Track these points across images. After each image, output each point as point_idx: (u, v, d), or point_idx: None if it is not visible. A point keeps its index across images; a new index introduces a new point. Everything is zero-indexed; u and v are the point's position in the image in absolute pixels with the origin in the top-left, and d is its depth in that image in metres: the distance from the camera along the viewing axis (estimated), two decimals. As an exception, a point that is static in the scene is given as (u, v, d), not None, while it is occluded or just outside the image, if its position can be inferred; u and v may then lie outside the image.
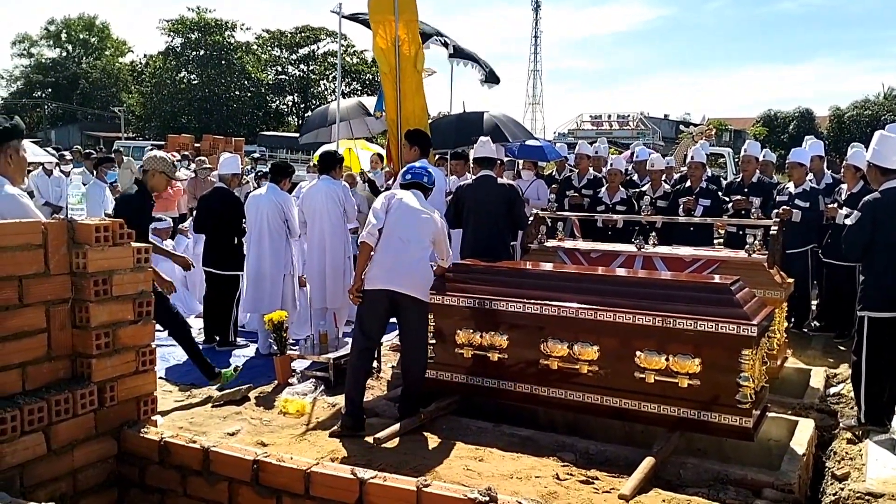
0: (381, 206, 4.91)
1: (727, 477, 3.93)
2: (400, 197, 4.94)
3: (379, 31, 7.31)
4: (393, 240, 4.80)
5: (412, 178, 5.10)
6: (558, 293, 4.62)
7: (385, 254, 4.78)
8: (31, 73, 52.58)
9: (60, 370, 2.47)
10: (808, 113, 51.56)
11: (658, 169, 8.65)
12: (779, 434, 4.62)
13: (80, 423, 2.46)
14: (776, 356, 5.42)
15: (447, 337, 4.93)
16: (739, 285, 4.45)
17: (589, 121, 56.15)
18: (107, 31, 55.06)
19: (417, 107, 7.45)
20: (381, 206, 4.91)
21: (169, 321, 5.56)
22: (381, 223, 4.80)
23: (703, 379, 4.16)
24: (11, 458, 2.24)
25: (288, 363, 5.54)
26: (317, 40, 46.81)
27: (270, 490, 2.36)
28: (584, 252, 6.09)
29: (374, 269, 4.78)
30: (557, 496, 3.64)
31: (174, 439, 2.54)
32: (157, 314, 5.27)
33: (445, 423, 4.75)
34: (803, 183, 7.56)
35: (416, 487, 2.14)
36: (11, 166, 3.14)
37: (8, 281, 2.28)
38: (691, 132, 16.13)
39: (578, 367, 4.49)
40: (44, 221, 2.46)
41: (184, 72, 45.02)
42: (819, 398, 5.45)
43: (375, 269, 4.78)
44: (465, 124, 9.26)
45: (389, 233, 4.81)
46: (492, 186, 6.21)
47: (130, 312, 2.62)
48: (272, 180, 7.04)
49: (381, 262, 4.79)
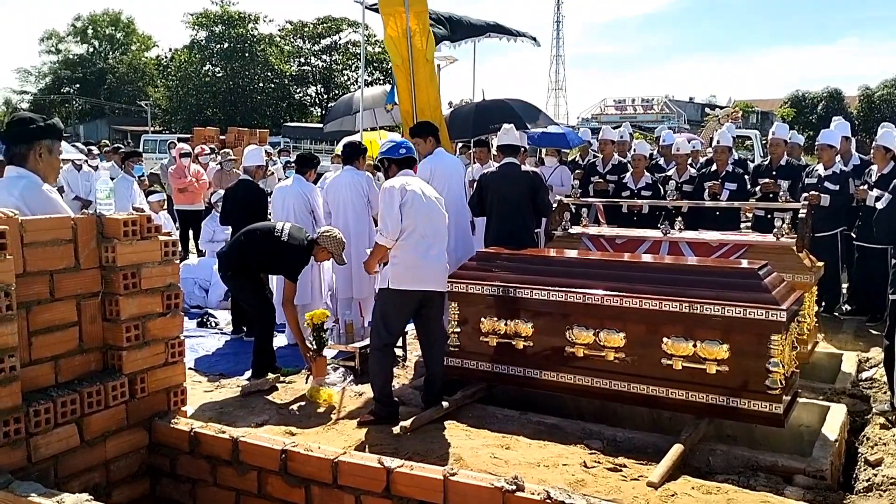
0: (395, 201, 4.65)
1: (757, 463, 3.89)
2: (412, 188, 4.72)
3: (390, 23, 7.31)
4: (415, 237, 4.66)
5: (407, 153, 4.95)
6: (583, 280, 4.60)
7: (411, 253, 4.66)
8: (59, 69, 53.25)
9: (92, 363, 2.51)
10: (836, 93, 50.57)
11: (684, 153, 8.54)
12: (810, 420, 4.57)
13: (112, 414, 2.51)
14: (806, 341, 5.34)
15: (472, 325, 4.93)
16: (767, 270, 4.39)
17: (613, 105, 55.71)
18: (132, 26, 55.55)
19: (431, 97, 7.45)
20: (395, 201, 4.65)
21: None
22: (399, 223, 4.63)
23: (732, 365, 4.13)
24: (46, 450, 2.29)
25: (325, 363, 5.57)
26: (338, 30, 46.83)
27: (299, 479, 2.38)
28: (609, 238, 6.05)
29: (400, 268, 4.66)
30: (585, 484, 3.63)
31: (204, 429, 2.58)
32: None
33: (471, 411, 4.76)
34: (833, 165, 7.43)
35: (442, 476, 2.15)
36: (41, 164, 3.15)
37: (39, 276, 2.32)
38: (717, 115, 15.93)
39: (605, 354, 4.47)
40: (73, 217, 2.50)
41: (208, 65, 45.35)
42: (851, 383, 5.37)
43: (401, 268, 4.66)
44: (483, 113, 9.21)
45: (411, 231, 4.65)
46: (515, 174, 6.17)
47: (159, 305, 2.65)
48: (297, 171, 7.07)
49: (407, 261, 4.66)
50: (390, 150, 4.98)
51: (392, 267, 4.70)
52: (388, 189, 4.72)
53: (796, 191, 7.10)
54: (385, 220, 4.66)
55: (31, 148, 3.13)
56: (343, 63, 47.48)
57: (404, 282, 4.67)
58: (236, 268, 5.54)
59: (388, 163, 4.95)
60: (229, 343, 6.91)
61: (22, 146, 3.13)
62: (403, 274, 4.67)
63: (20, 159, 3.13)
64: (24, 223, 2.26)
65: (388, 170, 4.97)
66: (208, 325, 7.50)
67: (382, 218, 4.68)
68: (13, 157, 3.15)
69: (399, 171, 4.88)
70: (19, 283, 2.18)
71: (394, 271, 4.68)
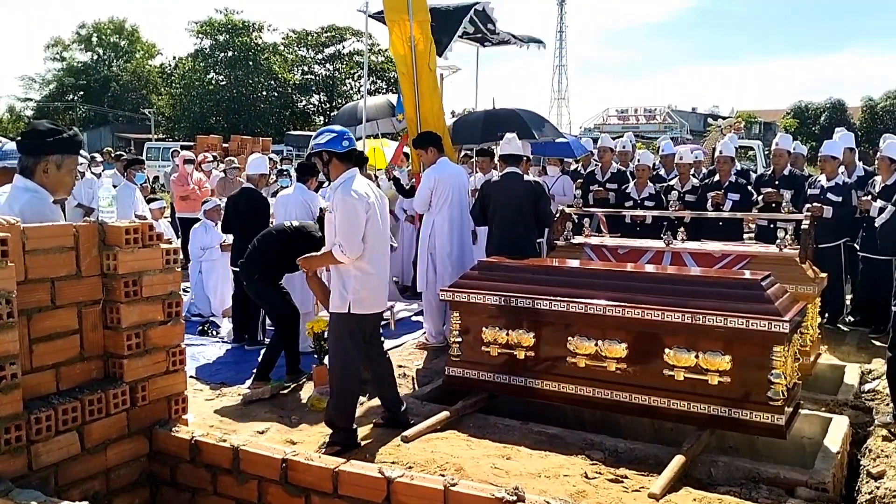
0: (360, 214, 4.17)
1: (759, 475, 3.87)
2: (371, 200, 4.28)
3: (395, 31, 7.35)
4: (375, 255, 4.30)
5: (350, 146, 4.32)
6: (585, 290, 4.59)
7: (372, 273, 4.29)
8: (63, 76, 53.47)
9: (93, 370, 2.51)
10: (839, 104, 50.66)
11: (686, 163, 8.55)
12: (812, 432, 4.55)
13: (113, 422, 2.50)
14: (809, 352, 5.33)
15: (474, 335, 4.92)
16: (770, 281, 4.39)
17: (615, 115, 55.79)
18: (136, 35, 55.81)
19: (435, 106, 7.50)
20: (361, 214, 4.16)
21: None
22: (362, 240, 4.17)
23: (734, 376, 4.11)
24: (46, 458, 2.28)
25: (326, 372, 5.56)
26: (342, 40, 47.00)
27: (299, 489, 2.37)
28: (612, 248, 6.05)
29: (363, 291, 4.25)
30: (586, 495, 3.61)
31: (205, 438, 2.57)
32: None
33: (472, 421, 4.75)
34: (835, 176, 7.43)
35: (443, 486, 2.14)
36: (47, 179, 3.04)
37: (41, 283, 2.32)
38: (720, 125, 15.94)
39: (606, 364, 4.46)
40: (75, 224, 2.50)
41: (212, 73, 45.50)
42: (853, 395, 5.35)
43: (365, 291, 4.25)
44: (493, 120, 9.24)
45: (370, 247, 4.24)
46: (518, 183, 6.18)
47: (160, 313, 2.65)
48: (299, 180, 7.09)
49: (369, 283, 4.29)
50: (331, 141, 4.28)
51: (353, 290, 4.24)
52: (351, 200, 4.16)
53: (799, 201, 7.10)
54: (349, 235, 4.13)
55: (38, 162, 3.07)
56: (346, 72, 47.62)
57: (368, 305, 4.31)
58: (261, 270, 5.66)
59: (328, 156, 4.30)
60: (230, 352, 6.90)
61: (30, 158, 3.09)
62: (367, 297, 4.29)
63: (28, 172, 3.10)
64: (26, 230, 2.27)
65: (328, 164, 4.33)
66: (209, 334, 7.50)
67: (346, 232, 4.14)
68: (23, 168, 3.12)
69: (344, 168, 4.30)
70: (21, 290, 2.18)
71: (356, 294, 4.24)
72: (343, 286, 4.28)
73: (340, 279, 4.30)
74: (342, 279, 4.29)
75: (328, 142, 4.27)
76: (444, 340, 6.57)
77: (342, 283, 4.29)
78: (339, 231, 4.16)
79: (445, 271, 6.55)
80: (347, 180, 4.25)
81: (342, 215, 4.17)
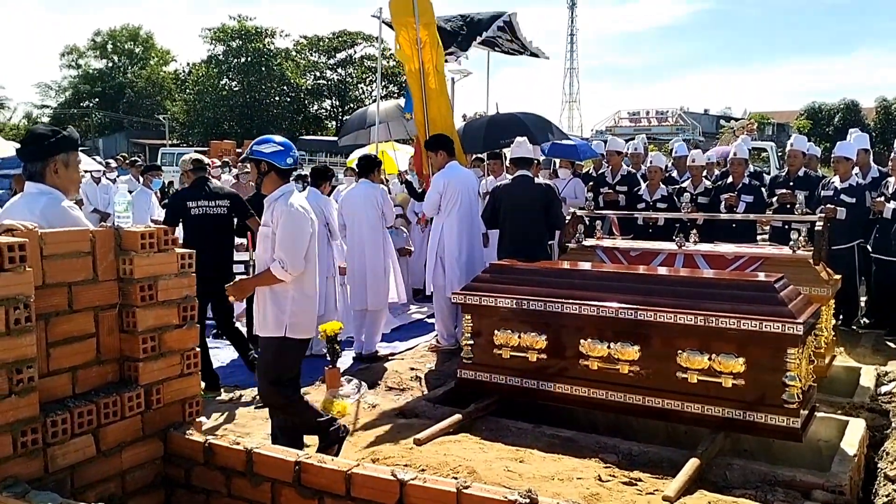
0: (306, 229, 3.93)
1: (775, 478, 3.85)
2: (311, 215, 4.02)
3: (402, 34, 7.39)
4: (312, 274, 4.05)
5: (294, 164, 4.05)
6: (597, 293, 4.59)
7: (310, 293, 4.04)
8: (78, 83, 53.95)
9: (109, 374, 2.53)
10: (853, 105, 50.34)
11: (698, 165, 8.52)
12: (828, 434, 4.51)
13: (128, 425, 2.52)
14: (824, 354, 5.29)
15: (485, 337, 4.92)
16: (784, 283, 4.36)
17: (627, 117, 55.67)
18: (151, 41, 56.25)
19: (443, 108, 7.52)
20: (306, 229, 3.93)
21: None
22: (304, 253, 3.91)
23: (748, 378, 4.09)
24: (63, 460, 2.30)
25: (338, 375, 5.59)
26: (353, 44, 47.20)
27: (312, 491, 2.38)
28: (624, 251, 6.03)
29: (301, 314, 4.00)
30: (600, 498, 3.60)
31: (218, 441, 2.58)
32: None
33: (485, 423, 4.74)
34: (849, 177, 7.38)
35: (456, 489, 2.14)
36: (59, 179, 3.19)
37: (58, 287, 2.34)
38: (732, 127, 15.87)
39: (619, 367, 4.45)
40: (92, 229, 2.53)
41: (225, 79, 45.85)
42: (870, 397, 5.31)
43: (303, 314, 4.01)
44: (495, 127, 9.24)
45: (312, 267, 4.02)
46: (528, 186, 6.19)
47: (175, 317, 2.67)
48: (312, 184, 7.12)
49: (307, 305, 4.03)
50: (276, 154, 3.99)
51: (291, 312, 3.97)
52: (299, 212, 3.93)
53: (813, 202, 7.06)
54: (293, 250, 3.87)
55: (46, 165, 3.17)
56: (358, 77, 47.80)
57: (303, 329, 4.05)
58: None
59: (268, 168, 4.00)
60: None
61: (37, 163, 3.17)
62: (305, 321, 4.05)
63: (38, 176, 3.17)
64: (43, 236, 2.30)
65: (265, 175, 4.02)
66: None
67: (290, 248, 3.87)
68: (31, 174, 3.19)
69: (281, 182, 4.03)
70: (38, 294, 2.21)
71: (293, 317, 3.97)
72: (279, 308, 3.98)
73: (276, 300, 3.97)
74: (277, 300, 3.97)
75: (272, 153, 3.98)
76: (455, 343, 6.58)
77: (277, 305, 3.97)
78: (282, 246, 3.87)
79: (454, 274, 6.57)
80: (287, 194, 4.00)
81: (287, 228, 3.89)
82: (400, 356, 6.80)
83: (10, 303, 2.07)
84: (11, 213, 3.00)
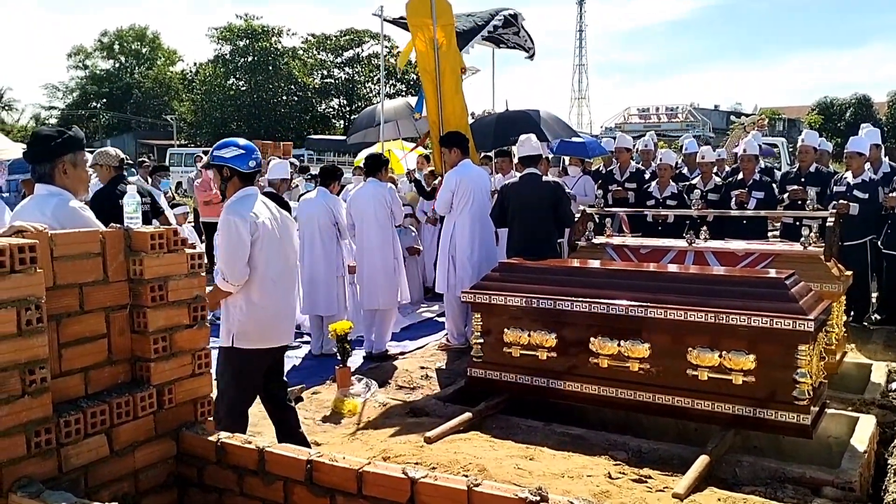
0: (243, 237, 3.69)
1: (785, 475, 3.84)
2: (262, 220, 3.76)
3: (418, 35, 7.41)
4: (266, 282, 3.79)
5: (256, 167, 3.88)
6: (607, 290, 4.58)
7: (260, 302, 3.80)
8: (86, 84, 54.24)
9: (120, 374, 2.55)
10: (865, 99, 50.01)
11: (709, 161, 8.49)
12: (839, 431, 4.50)
13: (141, 424, 2.54)
14: (835, 351, 5.27)
15: (495, 336, 4.92)
16: (794, 279, 4.35)
17: (636, 114, 55.51)
18: (157, 41, 56.49)
19: (458, 107, 7.53)
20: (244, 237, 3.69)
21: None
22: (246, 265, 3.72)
23: (759, 375, 4.08)
24: (76, 460, 2.32)
25: (349, 374, 5.61)
26: (361, 43, 47.20)
27: (324, 489, 2.39)
28: (634, 248, 6.02)
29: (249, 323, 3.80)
30: (610, 495, 3.60)
31: (230, 440, 2.60)
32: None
33: (495, 421, 4.75)
34: (862, 173, 7.33)
35: (466, 487, 2.14)
36: (68, 179, 3.22)
37: (69, 289, 2.36)
38: (742, 123, 15.79)
39: (629, 364, 4.44)
40: (102, 230, 2.54)
41: (233, 79, 45.93)
42: (881, 393, 5.28)
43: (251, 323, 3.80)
44: (504, 124, 9.24)
45: (261, 273, 3.76)
46: (537, 184, 6.18)
47: (186, 317, 2.69)
48: (321, 184, 7.14)
49: (256, 314, 3.80)
50: (237, 158, 3.81)
51: (238, 321, 3.81)
52: (231, 220, 3.72)
53: (825, 198, 7.02)
54: (229, 260, 3.71)
55: (54, 166, 3.19)
56: (366, 75, 47.82)
57: (254, 339, 3.83)
58: None
59: (230, 173, 3.83)
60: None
61: (45, 165, 3.19)
62: (252, 331, 3.82)
63: (47, 178, 3.19)
64: (53, 237, 2.31)
65: (228, 180, 3.86)
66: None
67: (226, 258, 3.73)
68: (40, 176, 3.21)
69: (242, 186, 3.86)
70: (49, 296, 2.22)
71: (240, 326, 3.80)
72: (226, 317, 3.87)
73: (226, 310, 3.88)
74: (227, 310, 3.86)
75: (234, 157, 3.81)
76: (465, 342, 6.59)
77: (225, 315, 3.88)
78: (219, 256, 3.78)
79: (465, 273, 6.56)
80: (238, 199, 3.82)
81: (223, 238, 3.77)
82: (410, 355, 6.81)
83: (22, 304, 2.09)
84: (22, 214, 3.03)
